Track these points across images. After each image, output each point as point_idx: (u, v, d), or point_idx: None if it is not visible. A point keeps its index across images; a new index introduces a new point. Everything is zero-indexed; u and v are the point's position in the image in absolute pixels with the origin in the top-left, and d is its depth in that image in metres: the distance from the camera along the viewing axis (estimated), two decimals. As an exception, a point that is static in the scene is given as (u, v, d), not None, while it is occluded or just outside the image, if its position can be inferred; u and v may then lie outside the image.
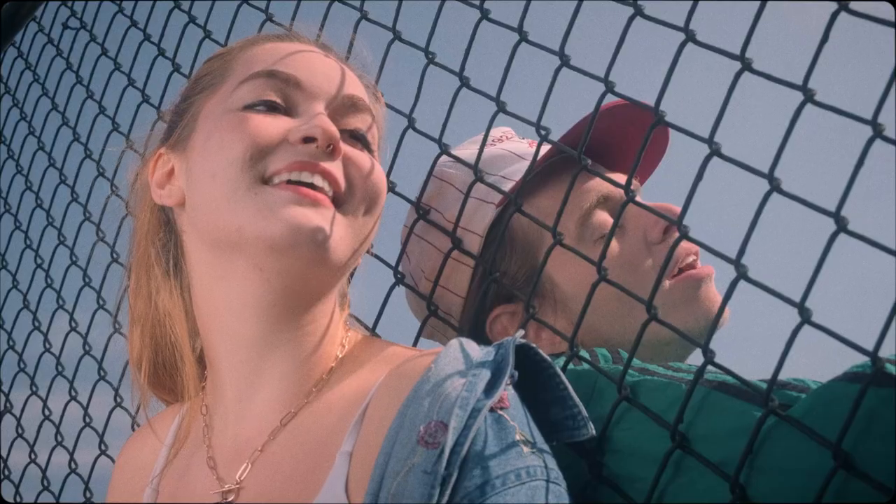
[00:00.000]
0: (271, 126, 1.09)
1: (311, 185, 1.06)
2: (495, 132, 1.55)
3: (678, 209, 1.40)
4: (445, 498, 0.91)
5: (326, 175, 1.06)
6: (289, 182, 1.06)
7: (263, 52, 1.17)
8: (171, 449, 1.20)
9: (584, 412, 1.06)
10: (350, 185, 1.08)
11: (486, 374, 0.98)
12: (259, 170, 1.06)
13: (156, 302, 1.20)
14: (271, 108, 1.11)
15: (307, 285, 1.09)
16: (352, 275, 1.41)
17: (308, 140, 1.07)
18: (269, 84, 1.12)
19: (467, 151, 1.48)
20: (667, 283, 1.38)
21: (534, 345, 1.06)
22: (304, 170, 1.05)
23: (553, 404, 1.07)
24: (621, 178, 1.46)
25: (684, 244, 1.38)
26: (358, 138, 1.14)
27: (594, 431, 1.07)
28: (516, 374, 1.02)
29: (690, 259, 1.43)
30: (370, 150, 1.15)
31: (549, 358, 1.07)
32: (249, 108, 1.11)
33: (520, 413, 1.00)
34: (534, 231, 1.41)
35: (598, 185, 1.43)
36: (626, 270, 1.37)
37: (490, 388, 0.98)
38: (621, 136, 1.45)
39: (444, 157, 1.42)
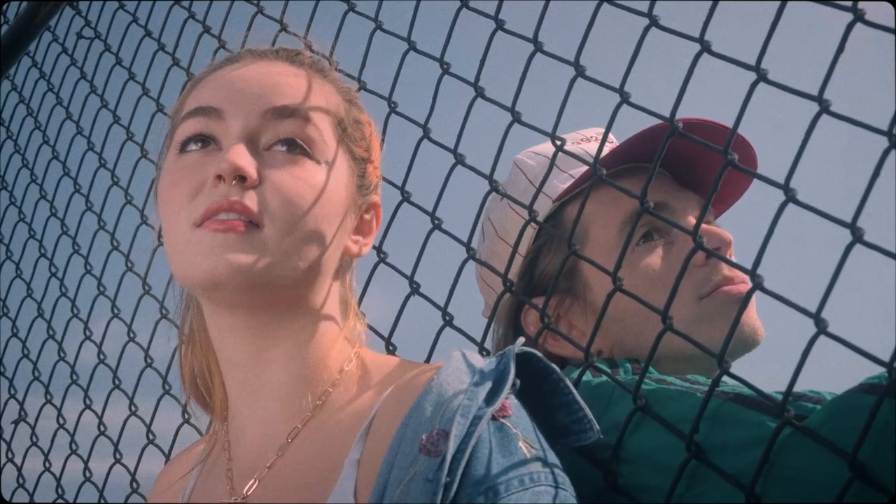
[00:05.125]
0: (196, 171, 1.11)
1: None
2: (587, 132, 1.54)
3: (728, 235, 1.40)
4: None
5: (238, 210, 1.07)
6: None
7: (200, 87, 1.19)
8: (202, 469, 1.22)
9: (590, 415, 1.07)
10: (265, 209, 1.08)
11: (487, 384, 0.99)
12: (193, 214, 1.09)
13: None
14: (202, 141, 1.13)
15: (264, 306, 1.11)
16: (363, 292, 1.42)
17: (220, 178, 1.08)
18: (196, 122, 1.14)
19: (546, 146, 1.47)
20: (702, 301, 1.36)
21: (536, 352, 1.07)
22: (220, 211, 1.07)
23: (559, 409, 1.08)
24: (690, 207, 1.46)
25: (724, 267, 1.37)
26: (289, 143, 1.13)
27: (601, 434, 1.07)
28: (518, 382, 1.03)
29: (731, 281, 1.38)
30: (306, 151, 1.13)
31: (552, 364, 1.08)
32: (184, 149, 1.14)
33: (523, 420, 1.01)
34: (579, 231, 1.39)
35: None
36: (660, 287, 1.34)
37: (492, 396, 0.98)
38: (701, 156, 1.40)
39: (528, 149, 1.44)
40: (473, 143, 1.41)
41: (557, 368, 1.08)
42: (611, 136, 1.48)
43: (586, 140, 1.50)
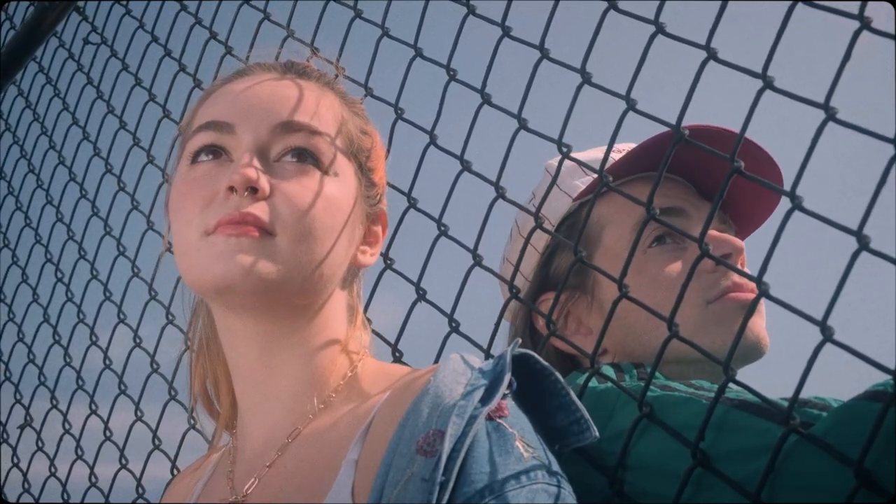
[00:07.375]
0: (208, 182, 1.13)
1: None
2: (618, 145, 1.50)
3: (740, 242, 1.40)
4: None
5: (250, 221, 1.09)
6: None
7: (211, 101, 1.21)
8: (210, 475, 1.24)
9: (587, 415, 1.07)
10: (277, 219, 1.10)
11: (483, 385, 1.01)
12: (204, 224, 1.10)
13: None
14: (213, 152, 1.15)
15: (274, 310, 1.12)
16: (369, 301, 1.42)
17: (232, 189, 1.10)
18: (208, 135, 1.16)
19: (585, 155, 1.48)
20: (709, 306, 1.36)
21: (534, 353, 1.08)
22: (232, 223, 1.08)
23: (558, 410, 1.09)
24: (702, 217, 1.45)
25: (733, 273, 1.36)
26: (298, 154, 1.15)
27: (598, 434, 1.07)
28: (515, 382, 1.04)
29: (740, 287, 1.38)
30: (315, 161, 1.15)
31: (549, 366, 1.08)
32: (195, 160, 1.16)
33: (520, 421, 1.02)
34: (593, 231, 1.41)
35: (658, 198, 1.39)
36: (668, 291, 1.35)
37: (487, 397, 0.99)
38: (720, 166, 1.38)
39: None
40: (480, 150, 1.42)
41: (554, 370, 1.09)
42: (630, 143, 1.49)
43: (618, 151, 1.51)
